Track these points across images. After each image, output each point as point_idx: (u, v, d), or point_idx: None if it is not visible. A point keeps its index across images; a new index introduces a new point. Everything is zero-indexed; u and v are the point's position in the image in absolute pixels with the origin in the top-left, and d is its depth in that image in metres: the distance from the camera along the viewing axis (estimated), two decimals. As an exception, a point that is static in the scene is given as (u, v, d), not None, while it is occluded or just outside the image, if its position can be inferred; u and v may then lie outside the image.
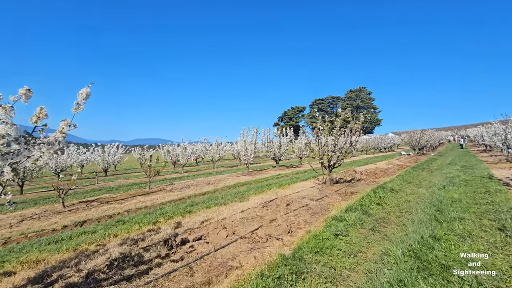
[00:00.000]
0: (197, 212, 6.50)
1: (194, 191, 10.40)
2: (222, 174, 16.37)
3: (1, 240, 5.54)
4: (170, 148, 23.12)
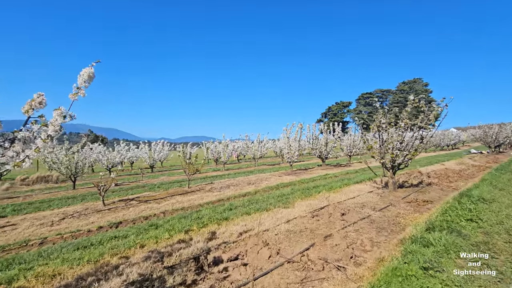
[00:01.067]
0: (234, 219, 5.64)
1: (234, 191, 9.66)
2: (264, 172, 15.50)
3: (39, 239, 5.36)
4: (212, 146, 23.05)
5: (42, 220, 6.56)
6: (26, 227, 6.06)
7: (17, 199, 9.81)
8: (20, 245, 5.12)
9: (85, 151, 12.20)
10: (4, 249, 4.97)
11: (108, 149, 19.14)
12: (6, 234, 5.73)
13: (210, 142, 25.35)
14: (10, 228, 6.05)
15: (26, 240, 5.29)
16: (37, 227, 6.09)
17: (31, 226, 6.12)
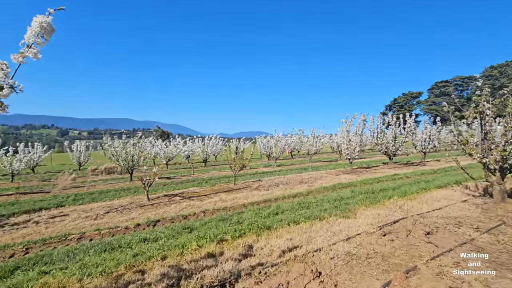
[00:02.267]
0: (278, 229, 4.59)
1: (283, 191, 8.59)
2: (319, 170, 14.01)
3: (78, 234, 5.21)
4: (264, 140, 22.29)
5: (89, 212, 6.57)
6: (73, 219, 6.08)
7: (82, 188, 10.54)
8: (59, 239, 5.01)
9: (141, 145, 12.63)
10: (45, 241, 4.90)
11: (166, 143, 20.03)
12: (54, 225, 5.79)
13: (262, 136, 24.67)
14: (60, 219, 6.15)
15: (67, 234, 5.18)
16: (82, 220, 6.06)
17: (77, 219, 6.13)
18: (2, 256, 4.39)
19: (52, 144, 75.77)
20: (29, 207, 7.24)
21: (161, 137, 59.94)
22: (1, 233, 5.34)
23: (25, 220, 6.12)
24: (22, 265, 3.79)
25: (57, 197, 8.87)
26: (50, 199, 8.59)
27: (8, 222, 6.06)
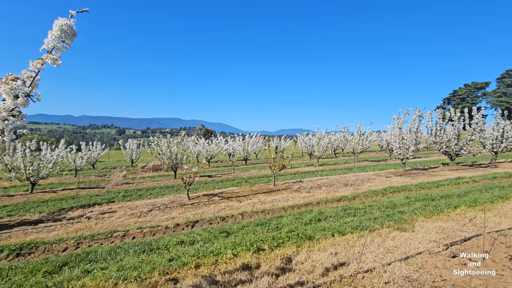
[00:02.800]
0: (321, 241, 4.13)
1: (326, 194, 8.00)
2: (366, 171, 12.94)
3: (123, 232, 5.41)
4: (306, 138, 21.53)
5: (134, 210, 6.84)
6: (119, 216, 6.38)
7: (131, 185, 11.23)
8: (106, 235, 5.23)
9: (184, 144, 13.04)
10: (94, 237, 5.16)
11: (208, 142, 20.55)
12: (103, 221, 6.12)
13: (304, 134, 23.92)
14: (108, 216, 6.50)
15: (113, 231, 5.41)
16: (128, 217, 6.31)
17: (123, 216, 6.41)
18: (56, 249, 4.71)
19: (111, 142, 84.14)
20: (85, 202, 7.86)
21: (205, 135, 62.06)
22: (59, 227, 5.81)
23: (79, 215, 6.60)
24: (70, 261, 3.97)
25: (110, 192, 9.55)
26: (103, 194, 9.27)
27: (66, 216, 6.60)
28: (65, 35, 1.54)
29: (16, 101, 1.36)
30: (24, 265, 3.88)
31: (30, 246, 4.73)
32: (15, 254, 4.48)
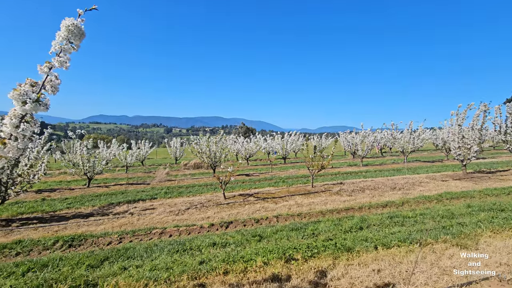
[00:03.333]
0: (362, 253, 3.70)
1: (370, 198, 7.36)
2: (417, 173, 11.69)
3: (161, 229, 5.59)
4: (349, 136, 20.38)
5: (173, 207, 7.07)
6: (159, 213, 6.63)
7: (173, 182, 11.77)
8: (145, 232, 5.46)
9: (223, 143, 13.25)
10: (135, 233, 5.42)
11: (247, 140, 20.69)
12: (144, 217, 6.42)
13: (347, 132, 22.68)
14: (149, 212, 6.81)
15: (152, 228, 5.63)
16: (166, 215, 6.54)
17: (162, 213, 6.66)
18: (102, 243, 5.03)
19: (160, 140, 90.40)
20: (131, 197, 8.39)
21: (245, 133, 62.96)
22: (106, 221, 6.24)
23: (124, 210, 7.04)
24: (110, 256, 4.18)
25: (154, 189, 10.09)
26: (148, 190, 9.83)
27: (113, 210, 7.09)
28: (72, 35, 1.49)
29: (24, 107, 1.34)
30: (72, 257, 4.19)
31: (80, 238, 5.13)
32: (67, 245, 4.89)
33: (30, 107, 1.36)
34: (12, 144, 1.37)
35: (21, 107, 1.35)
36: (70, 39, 1.51)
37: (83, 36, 1.53)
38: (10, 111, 1.36)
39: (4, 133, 1.36)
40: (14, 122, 1.35)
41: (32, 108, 1.36)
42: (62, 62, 1.48)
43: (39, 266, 3.86)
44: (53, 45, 1.47)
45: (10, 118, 1.35)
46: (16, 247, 4.75)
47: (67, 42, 1.50)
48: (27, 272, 3.74)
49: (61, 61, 1.48)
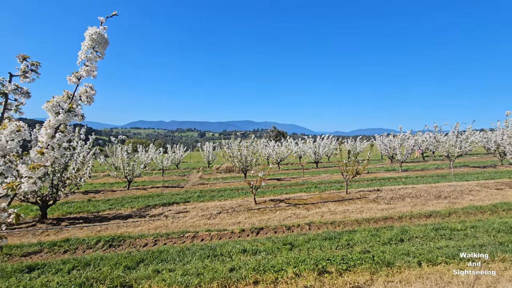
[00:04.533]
0: (404, 269, 3.37)
1: (411, 207, 6.79)
2: (466, 180, 10.60)
3: (193, 232, 5.70)
4: (386, 140, 19.22)
5: (205, 211, 7.19)
6: (191, 217, 6.78)
7: (206, 185, 12.03)
8: (179, 235, 5.60)
9: (253, 147, 13.27)
10: (169, 236, 5.59)
11: (278, 144, 20.54)
12: (178, 221, 6.61)
13: (384, 135, 21.46)
14: (183, 215, 7.00)
15: (184, 231, 5.76)
16: (199, 219, 6.66)
17: (195, 217, 6.80)
18: (138, 244, 5.26)
19: (194, 144, 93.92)
20: (166, 200, 8.72)
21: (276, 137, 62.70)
22: (143, 223, 6.53)
23: (159, 213, 7.32)
24: (146, 259, 4.33)
25: (187, 192, 10.40)
26: (182, 193, 10.15)
27: (149, 213, 7.41)
28: (96, 44, 1.54)
29: (58, 117, 1.40)
30: (111, 257, 4.42)
31: (120, 239, 5.41)
32: (108, 245, 5.18)
33: (63, 117, 1.42)
34: (49, 153, 1.43)
35: (54, 117, 1.41)
36: (95, 47, 1.56)
37: (107, 43, 1.57)
38: (45, 122, 1.43)
39: (41, 143, 1.43)
40: (49, 132, 1.41)
41: (64, 118, 1.43)
42: (89, 71, 1.54)
43: (83, 265, 4.12)
44: (79, 55, 1.53)
45: (46, 128, 1.42)
46: (64, 245, 5.15)
47: (92, 51, 1.55)
48: (72, 270, 4.01)
49: (88, 70, 1.53)
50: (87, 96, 1.73)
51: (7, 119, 1.86)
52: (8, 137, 1.54)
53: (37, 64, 2.01)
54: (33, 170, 1.44)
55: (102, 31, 1.53)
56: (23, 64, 1.96)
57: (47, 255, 4.81)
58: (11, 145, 1.56)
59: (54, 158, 1.47)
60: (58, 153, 1.45)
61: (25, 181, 1.43)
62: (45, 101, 1.43)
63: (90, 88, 1.77)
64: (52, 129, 1.43)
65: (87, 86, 1.76)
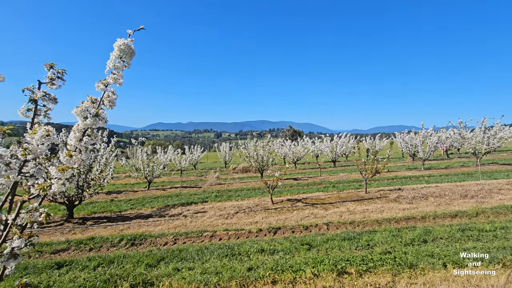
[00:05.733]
0: (427, 271, 3.25)
1: (435, 206, 6.53)
2: (495, 178, 10.04)
3: (211, 232, 5.79)
4: (407, 137, 18.57)
5: (222, 211, 7.27)
6: (209, 217, 6.88)
7: (223, 185, 12.16)
8: (197, 234, 5.70)
9: (269, 147, 13.26)
10: (188, 235, 5.70)
11: (294, 143, 20.39)
12: (196, 220, 6.73)
13: (405, 132, 20.76)
14: (201, 215, 7.12)
15: (203, 231, 5.85)
16: (216, 218, 6.75)
17: (212, 216, 6.89)
18: (159, 243, 5.41)
19: (210, 145, 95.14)
20: (184, 200, 8.90)
21: (292, 136, 62.27)
22: (163, 222, 6.70)
23: (178, 212, 7.48)
24: (166, 257, 4.45)
25: (205, 192, 10.57)
26: (200, 193, 10.32)
27: (169, 212, 7.60)
28: (124, 54, 1.60)
29: (86, 121, 1.47)
30: (134, 255, 4.57)
31: (141, 237, 5.59)
32: (130, 244, 5.37)
33: (90, 122, 1.49)
34: (77, 156, 1.51)
35: (82, 121, 1.49)
36: (122, 57, 1.62)
37: (133, 54, 1.64)
38: (74, 126, 1.51)
39: (70, 146, 1.51)
40: (77, 136, 1.49)
41: (92, 122, 1.50)
42: (115, 79, 1.61)
43: (107, 262, 4.30)
44: (107, 64, 1.61)
45: (74, 132, 1.50)
46: (90, 243, 5.38)
47: (119, 61, 1.62)
48: (97, 267, 4.19)
49: (115, 78, 1.60)
50: (109, 100, 1.81)
51: (37, 124, 1.98)
52: (39, 141, 1.64)
53: (63, 71, 2.12)
54: (62, 172, 1.52)
55: (129, 43, 1.60)
56: (50, 72, 2.07)
57: (74, 253, 5.05)
58: (42, 148, 1.65)
59: (81, 160, 1.55)
60: (85, 155, 1.52)
61: (55, 182, 1.51)
62: (75, 107, 1.51)
63: (112, 93, 1.84)
64: (81, 132, 1.51)
65: (109, 91, 1.85)
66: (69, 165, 1.52)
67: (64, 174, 1.53)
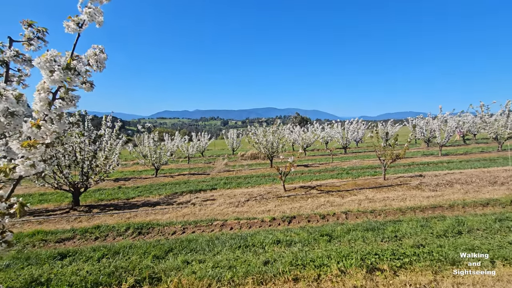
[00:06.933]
0: (473, 267, 2.82)
1: (463, 194, 6.03)
2: (522, 163, 9.39)
3: (221, 221, 5.46)
4: (422, 122, 17.81)
5: (232, 199, 6.94)
6: (219, 204, 6.56)
7: (231, 172, 11.84)
8: (207, 223, 5.39)
9: (279, 133, 12.79)
10: (197, 224, 5.39)
11: (304, 129, 19.84)
12: (205, 208, 6.41)
13: (419, 117, 19.94)
14: (210, 203, 6.80)
15: (213, 219, 5.53)
16: (226, 206, 6.42)
17: (222, 204, 6.57)
18: (167, 232, 5.11)
19: (217, 133, 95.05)
20: (193, 187, 8.61)
21: (299, 123, 61.84)
22: (171, 210, 6.41)
23: (187, 200, 7.19)
24: (174, 248, 4.13)
25: (213, 179, 10.26)
26: (208, 180, 10.02)
27: (177, 200, 7.31)
28: None
29: (53, 76, 1.04)
30: (140, 245, 4.27)
31: (148, 226, 5.30)
32: (137, 232, 5.09)
33: (59, 76, 1.07)
34: (47, 126, 1.09)
35: (49, 77, 1.06)
36: None
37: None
38: (38, 84, 1.09)
39: (36, 113, 1.10)
40: (43, 97, 1.07)
41: (61, 78, 1.07)
42: (92, 15, 1.17)
43: (112, 253, 4.01)
44: None
45: (39, 92, 1.08)
46: (95, 232, 5.12)
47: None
48: (102, 258, 3.91)
49: (91, 13, 1.16)
50: (96, 60, 1.38)
51: (7, 91, 1.58)
52: (4, 111, 1.24)
53: (44, 30, 1.68)
54: (29, 149, 1.12)
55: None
56: (28, 30, 1.64)
57: (79, 242, 4.80)
58: (6, 120, 1.25)
59: (54, 133, 1.14)
60: (59, 126, 1.11)
61: (20, 163, 1.11)
62: (38, 56, 1.09)
63: (100, 51, 1.41)
64: (47, 92, 1.09)
65: (96, 48, 1.41)
66: (37, 140, 1.11)
67: (32, 152, 1.12)
